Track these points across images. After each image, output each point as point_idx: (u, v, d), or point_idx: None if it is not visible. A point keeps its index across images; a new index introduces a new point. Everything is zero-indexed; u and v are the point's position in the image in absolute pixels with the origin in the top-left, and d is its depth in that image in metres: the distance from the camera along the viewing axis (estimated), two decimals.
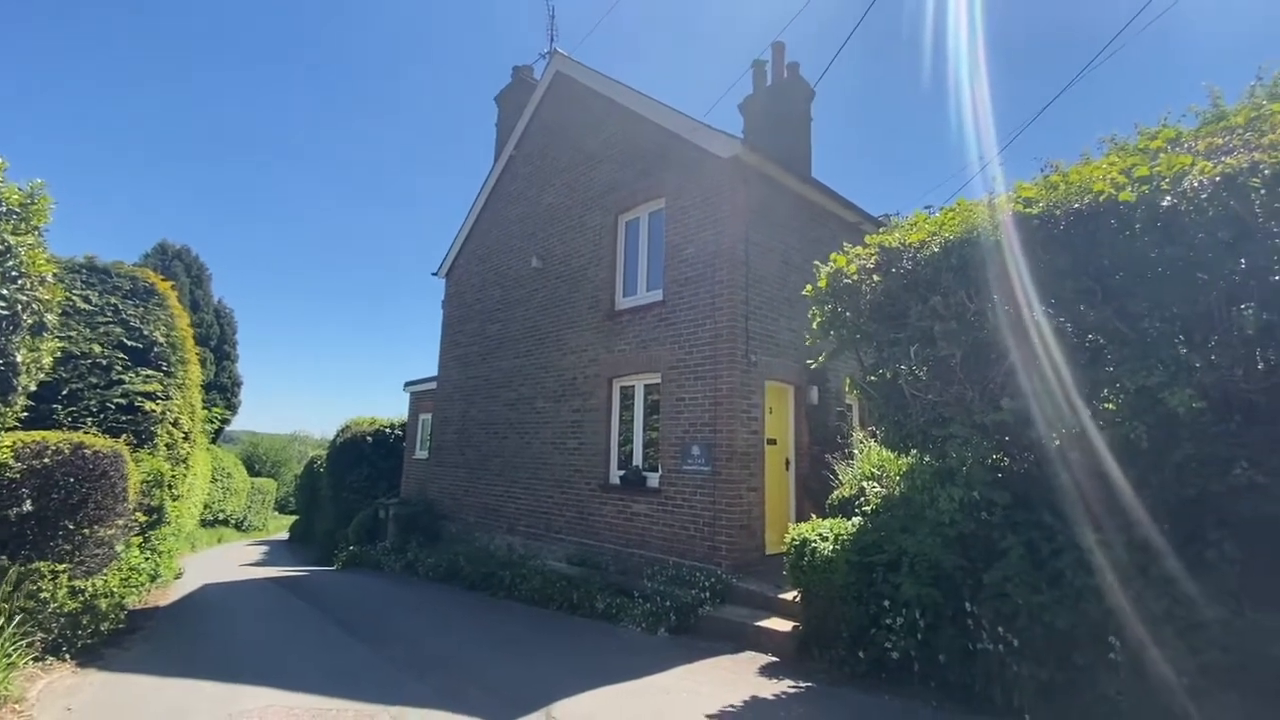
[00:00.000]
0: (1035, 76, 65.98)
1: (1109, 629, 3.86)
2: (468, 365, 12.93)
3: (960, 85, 9.46)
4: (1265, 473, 3.76)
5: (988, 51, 12.07)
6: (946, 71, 9.69)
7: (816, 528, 5.70)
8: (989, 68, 10.51)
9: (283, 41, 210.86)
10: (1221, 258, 3.84)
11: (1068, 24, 50.72)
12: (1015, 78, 29.65)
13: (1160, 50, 42.46)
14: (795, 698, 4.73)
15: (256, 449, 39.54)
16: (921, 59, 20.82)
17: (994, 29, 30.73)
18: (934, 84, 22.68)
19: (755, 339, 8.14)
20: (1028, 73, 38.25)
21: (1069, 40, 45.79)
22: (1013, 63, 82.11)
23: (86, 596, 5.39)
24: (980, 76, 8.58)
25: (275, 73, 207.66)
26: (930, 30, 11.67)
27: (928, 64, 14.63)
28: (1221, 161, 3.93)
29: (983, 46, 8.59)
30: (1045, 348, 4.49)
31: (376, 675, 5.29)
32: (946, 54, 9.56)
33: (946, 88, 10.64)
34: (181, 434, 8.68)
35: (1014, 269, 4.53)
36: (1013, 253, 4.52)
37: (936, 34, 9.76)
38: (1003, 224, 4.57)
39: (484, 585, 9.29)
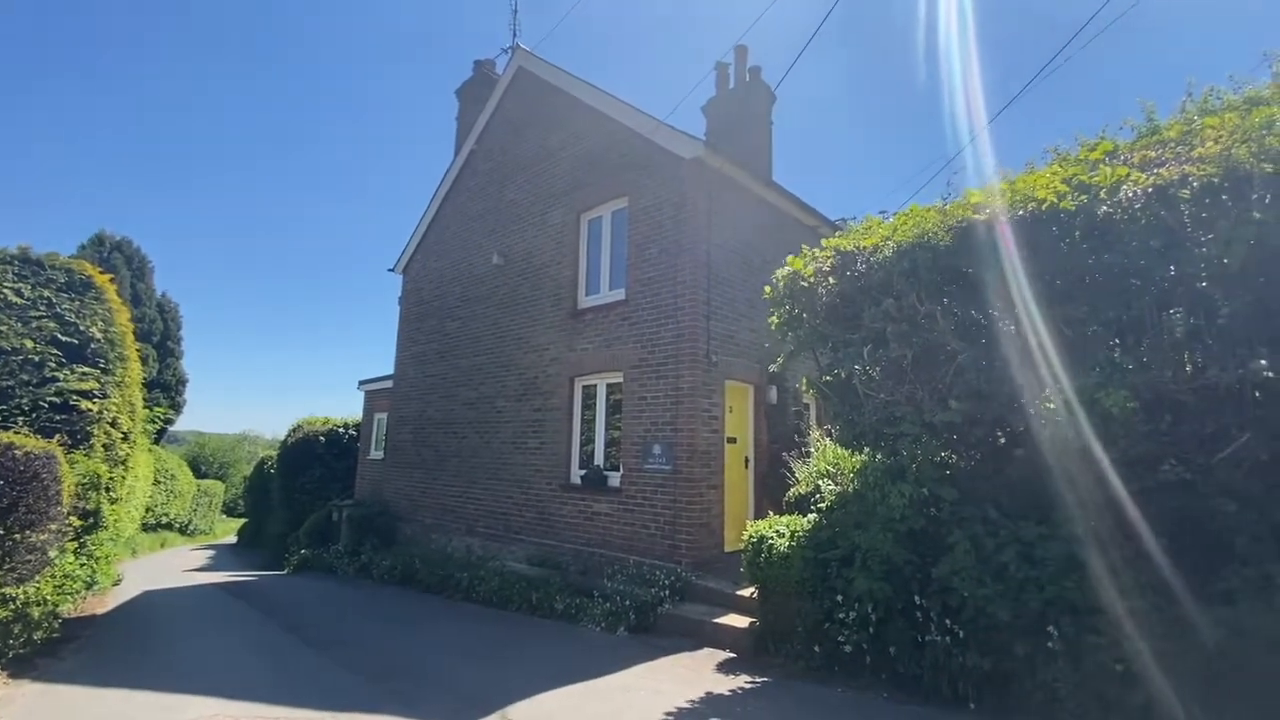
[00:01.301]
0: (1012, 71, 68.06)
1: (1047, 620, 4.03)
2: (425, 363, 12.69)
3: (941, 80, 9.68)
4: (1192, 470, 3.98)
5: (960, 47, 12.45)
6: (918, 69, 9.91)
7: (774, 525, 5.79)
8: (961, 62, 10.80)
9: (230, 29, 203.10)
10: (1153, 265, 4.05)
11: (1042, 17, 52.68)
12: (987, 72, 31.00)
13: (1138, 39, 44.68)
14: (751, 692, 4.79)
15: (203, 450, 37.96)
16: (892, 58, 21.22)
17: (980, 22, 31.68)
18: (904, 82, 23.26)
19: (716, 339, 8.21)
20: (1002, 67, 39.88)
21: (1042, 35, 47.80)
22: (986, 56, 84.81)
23: (17, 605, 5.10)
24: (957, 72, 8.78)
25: (219, 62, 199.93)
26: (916, 30, 11.91)
27: (899, 63, 15.09)
28: (1154, 173, 4.15)
29: (958, 43, 8.82)
30: (991, 349, 4.66)
31: (327, 681, 5.15)
32: (918, 50, 9.79)
33: (918, 85, 10.96)
34: (120, 434, 8.26)
35: (962, 273, 4.69)
36: (961, 257, 4.68)
37: (918, 32, 10.01)
38: (952, 229, 4.73)
39: (441, 588, 9.14)
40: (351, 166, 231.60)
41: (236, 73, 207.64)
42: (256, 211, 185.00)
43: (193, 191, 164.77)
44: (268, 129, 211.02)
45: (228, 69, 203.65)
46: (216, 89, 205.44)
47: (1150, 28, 33.46)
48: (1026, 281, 4.44)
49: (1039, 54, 17.79)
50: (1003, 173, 5.43)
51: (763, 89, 11.16)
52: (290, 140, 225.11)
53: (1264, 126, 3.90)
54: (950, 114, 8.98)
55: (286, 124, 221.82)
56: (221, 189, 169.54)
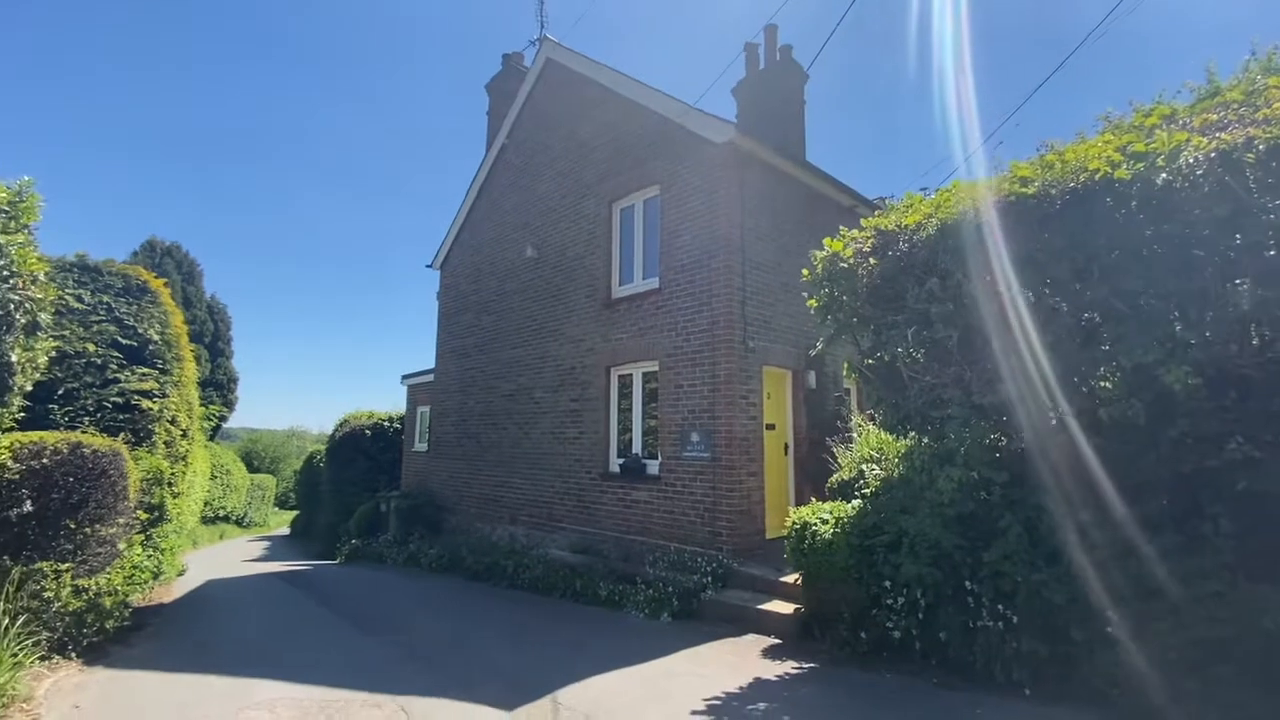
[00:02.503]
0: (1033, 60, 65.77)
1: (1106, 604, 3.91)
2: (465, 357, 12.91)
3: (947, 70, 9.39)
4: (1260, 447, 3.79)
5: (979, 34, 11.94)
6: (933, 54, 9.59)
7: (817, 511, 5.74)
8: (982, 52, 10.36)
9: (271, 33, 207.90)
10: (1217, 234, 3.85)
11: (1063, 7, 50.61)
12: (1013, 62, 29.65)
13: (1156, 29, 42.38)
14: (798, 678, 4.78)
15: (255, 445, 39.45)
16: (909, 43, 20.47)
17: (994, 11, 30.55)
18: (922, 67, 22.78)
19: (752, 325, 8.14)
20: (1025, 57, 38.29)
21: (1064, 23, 45.80)
22: (1011, 47, 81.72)
23: (90, 595, 5.39)
24: (964, 65, 8.51)
25: (263, 66, 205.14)
26: (922, 13, 11.56)
27: (914, 48, 14.44)
28: (1216, 137, 3.93)
29: (967, 31, 8.54)
30: (1042, 327, 4.51)
31: (382, 666, 5.33)
32: (935, 36, 9.46)
33: (934, 70, 10.52)
34: (179, 431, 8.66)
35: (1010, 249, 4.54)
36: (1009, 233, 4.52)
37: (929, 16, 9.66)
38: (999, 204, 4.57)
39: (487, 575, 9.35)
40: (391, 165, 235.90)
41: (277, 72, 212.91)
42: (297, 211, 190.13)
43: (230, 191, 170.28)
44: (306, 127, 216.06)
45: (263, 64, 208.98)
46: (258, 90, 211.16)
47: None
48: (1076, 256, 4.27)
49: (1085, 19, 17.00)
50: (1050, 144, 5.21)
51: (794, 68, 10.94)
52: (327, 138, 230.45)
53: None
54: (988, 87, 8.67)
55: (324, 122, 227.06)
56: (259, 187, 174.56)
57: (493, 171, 12.85)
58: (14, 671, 4.21)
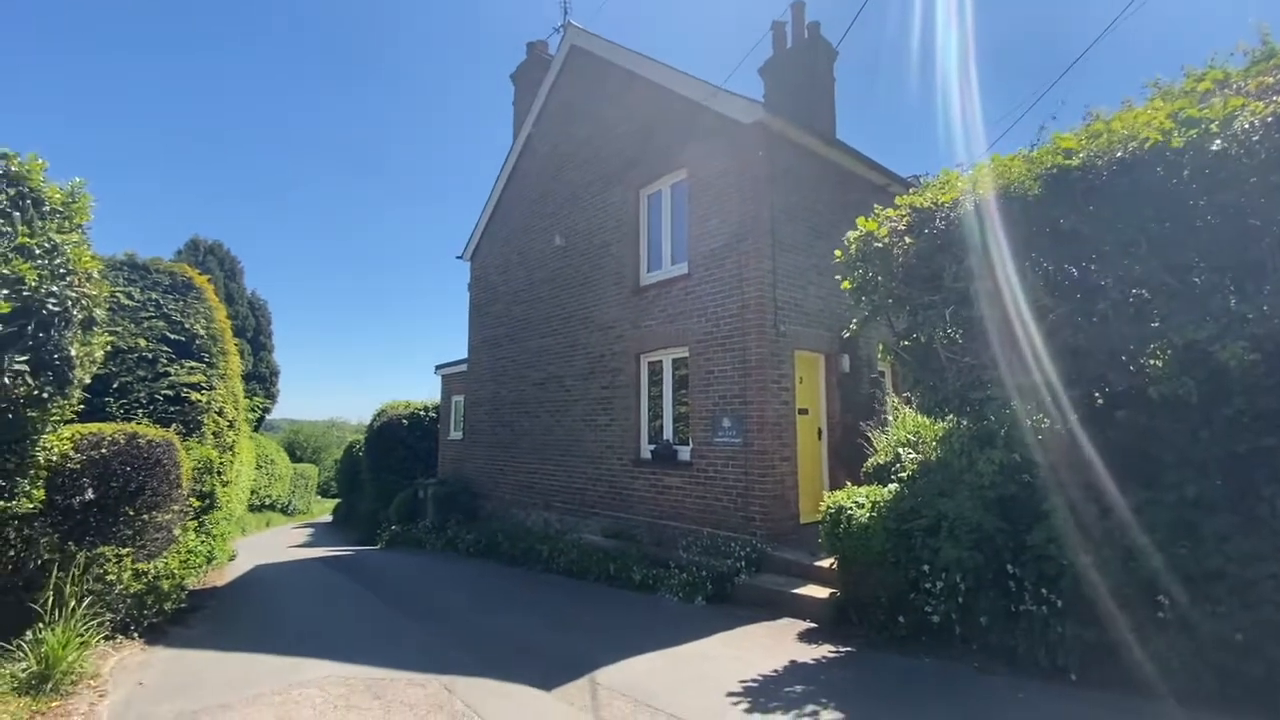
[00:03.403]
0: (1072, 40, 62.61)
1: (1158, 588, 3.80)
2: (496, 346, 13.07)
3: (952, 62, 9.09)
4: None
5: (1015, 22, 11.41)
6: (947, 39, 9.23)
7: (852, 495, 5.68)
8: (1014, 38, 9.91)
9: (318, 37, 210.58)
10: (1273, 204, 3.67)
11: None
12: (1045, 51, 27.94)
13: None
14: (835, 662, 4.77)
15: (297, 436, 40.69)
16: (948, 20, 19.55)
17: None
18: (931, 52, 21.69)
19: (783, 308, 8.04)
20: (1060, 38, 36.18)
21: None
22: (1044, 35, 78.32)
23: (149, 578, 5.66)
24: (968, 59, 8.18)
25: (303, 67, 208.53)
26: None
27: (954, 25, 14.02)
28: (1274, 101, 3.73)
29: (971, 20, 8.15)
30: (1087, 305, 4.36)
31: (424, 646, 5.48)
32: (950, 22, 9.09)
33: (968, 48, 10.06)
34: (226, 422, 8.97)
35: (1053, 225, 4.39)
36: (1051, 207, 4.37)
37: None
38: (1042, 177, 4.41)
39: (523, 560, 9.52)
40: (426, 158, 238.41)
41: (306, 69, 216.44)
42: (335, 207, 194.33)
43: (269, 188, 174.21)
44: (340, 125, 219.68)
45: (303, 65, 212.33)
46: (289, 83, 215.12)
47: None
48: (1124, 229, 4.11)
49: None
50: (1096, 113, 4.99)
51: (823, 45, 10.69)
52: (361, 135, 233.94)
53: None
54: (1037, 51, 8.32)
55: (356, 118, 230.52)
56: (298, 186, 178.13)
57: (519, 161, 12.90)
58: (81, 650, 4.45)
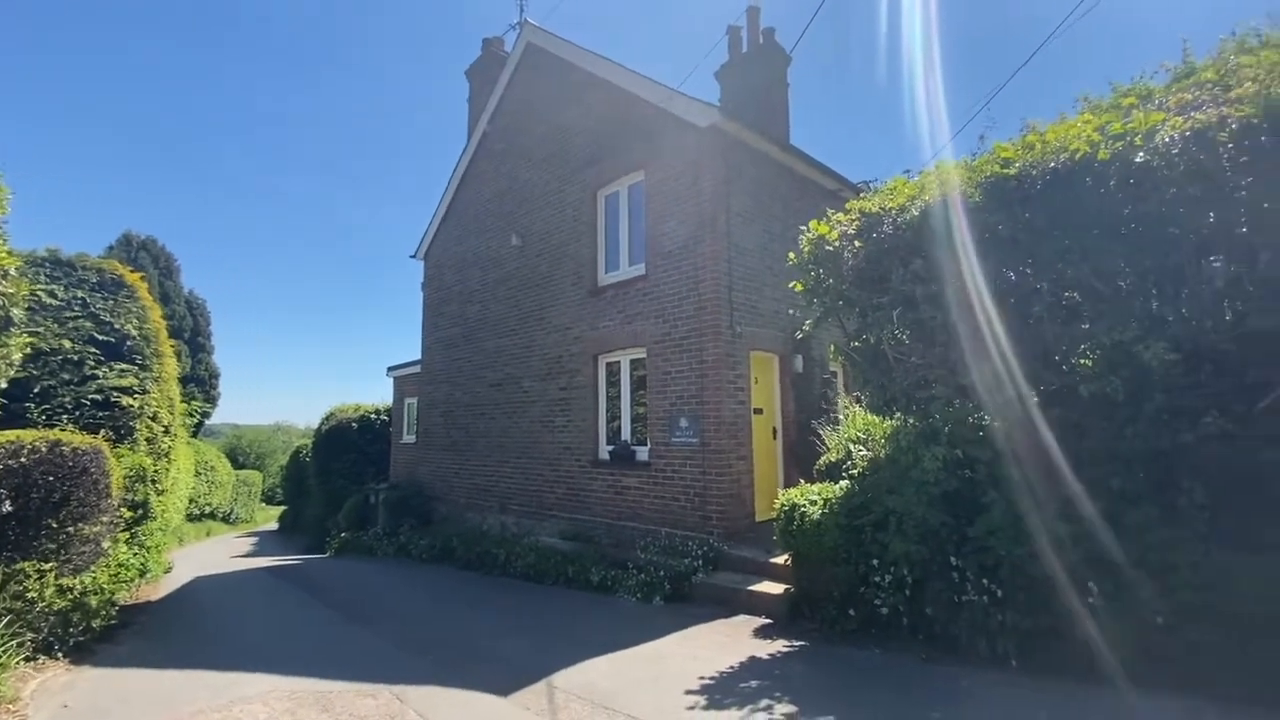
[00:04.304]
0: (1018, 46, 65.80)
1: (1087, 576, 4.00)
2: (451, 347, 12.83)
3: (931, 53, 9.41)
4: (1232, 421, 3.89)
5: (962, 22, 12.09)
6: (911, 40, 9.56)
7: (805, 493, 5.80)
8: (966, 40, 10.42)
9: (251, 17, 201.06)
10: (1192, 212, 3.92)
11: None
12: (996, 52, 29.46)
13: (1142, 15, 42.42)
14: (789, 656, 4.86)
15: (239, 441, 39.05)
16: (896, 27, 20.40)
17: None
18: (903, 52, 22.64)
19: (739, 310, 8.16)
20: (1008, 44, 38.04)
21: (1046, 8, 45.88)
22: (991, 38, 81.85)
23: (75, 594, 5.34)
24: (935, 52, 8.53)
25: (240, 52, 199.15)
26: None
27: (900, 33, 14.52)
28: (1191, 117, 3.98)
29: (940, 19, 8.55)
30: (1025, 307, 4.57)
31: (376, 656, 5.33)
32: (916, 23, 9.42)
33: (915, 55, 10.45)
34: (161, 428, 8.54)
35: (992, 230, 4.58)
36: (991, 214, 4.56)
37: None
38: (982, 185, 4.61)
39: (478, 564, 9.37)
40: (375, 153, 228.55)
41: (249, 55, 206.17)
42: (278, 202, 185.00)
43: (210, 187, 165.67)
44: (286, 118, 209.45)
45: (239, 50, 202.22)
46: (229, 75, 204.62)
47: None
48: (1057, 236, 4.33)
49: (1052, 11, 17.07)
50: (1032, 124, 5.25)
51: (777, 51, 10.89)
52: (310, 130, 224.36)
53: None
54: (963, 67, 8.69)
55: (306, 113, 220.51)
56: (238, 182, 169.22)
57: (474, 159, 12.71)
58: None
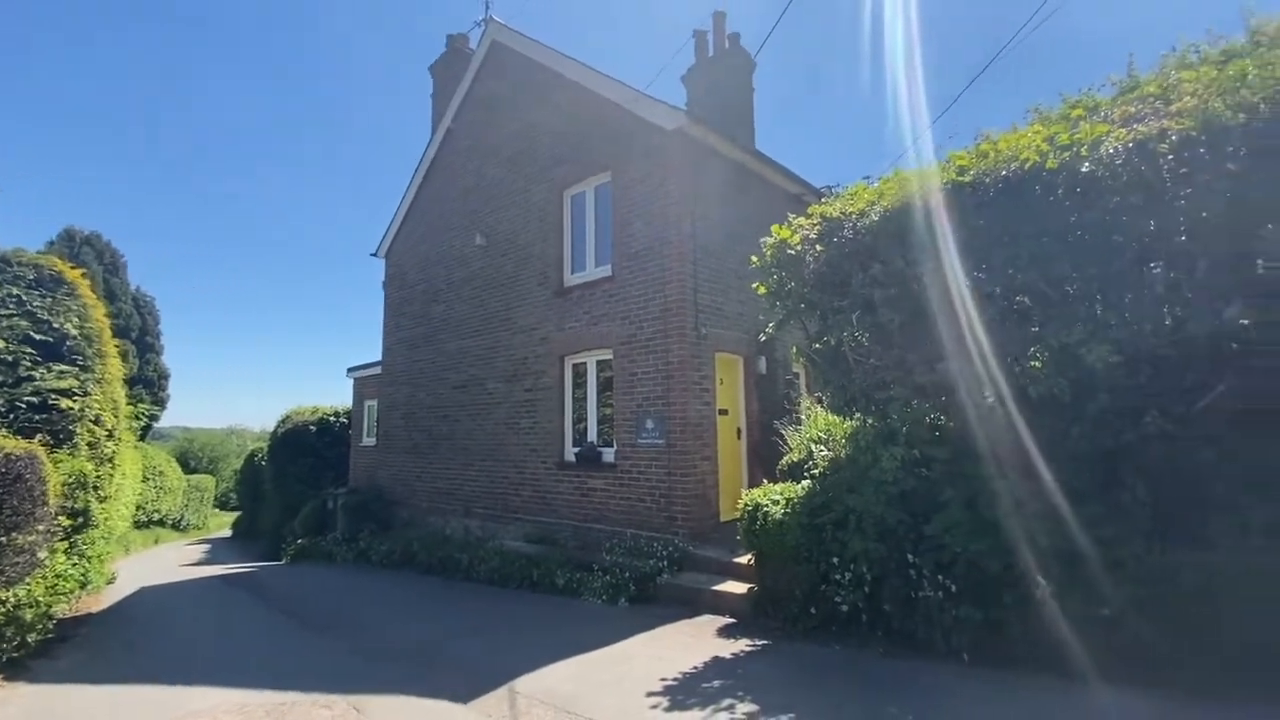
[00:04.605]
0: (979, 52, 67.91)
1: (1037, 570, 4.14)
2: (413, 348, 12.59)
3: (896, 59, 9.61)
4: (1172, 421, 4.07)
5: (927, 26, 12.45)
6: (882, 44, 9.77)
7: (768, 493, 5.86)
8: (931, 43, 10.77)
9: (217, 12, 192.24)
10: (1134, 221, 4.09)
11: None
12: (960, 53, 30.34)
13: (1090, 26, 44.23)
14: (752, 655, 4.91)
15: (191, 445, 37.66)
16: (858, 33, 21.00)
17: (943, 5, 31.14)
18: (871, 57, 23.12)
19: (704, 312, 8.21)
20: (971, 48, 39.21)
21: (1009, 16, 47.44)
22: (956, 39, 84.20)
23: (8, 608, 5.07)
24: (914, 55, 8.73)
25: (189, 37, 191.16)
26: (870, 7, 11.81)
27: (864, 39, 14.72)
28: (1134, 129, 4.16)
29: (915, 21, 8.83)
30: (979, 311, 4.70)
31: (333, 665, 5.20)
32: (883, 27, 9.63)
33: (882, 59, 10.77)
34: (105, 432, 8.15)
35: (948, 236, 4.71)
36: (947, 220, 4.69)
37: (878, 8, 9.83)
38: (938, 192, 4.73)
39: (441, 569, 9.21)
40: (333, 148, 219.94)
41: (203, 53, 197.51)
42: (232, 201, 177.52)
43: (161, 183, 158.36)
44: (238, 107, 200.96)
45: (193, 47, 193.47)
46: (181, 69, 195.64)
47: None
48: (1009, 242, 4.47)
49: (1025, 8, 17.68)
50: (986, 134, 5.41)
51: (742, 55, 11.00)
52: (265, 120, 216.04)
53: (1238, 79, 3.92)
54: (916, 80, 8.91)
55: (259, 101, 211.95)
56: (191, 178, 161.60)
57: (438, 156, 12.51)
58: None
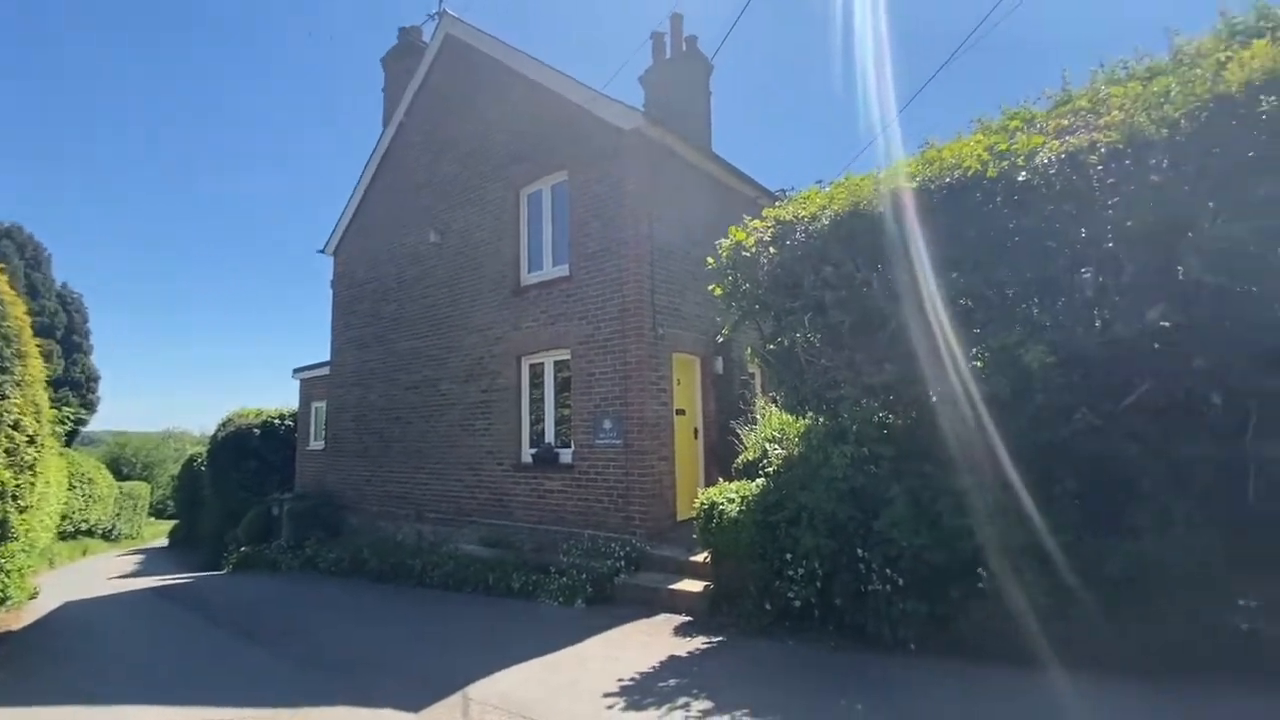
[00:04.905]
0: (936, 57, 70.24)
1: (978, 562, 4.31)
2: (363, 348, 12.24)
3: (859, 61, 9.81)
4: (1100, 417, 4.30)
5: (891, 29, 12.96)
6: (852, 46, 9.93)
7: (724, 491, 5.93)
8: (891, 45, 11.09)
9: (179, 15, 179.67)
10: (1067, 228, 4.31)
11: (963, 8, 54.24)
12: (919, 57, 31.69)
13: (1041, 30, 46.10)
14: (707, 652, 4.96)
15: (123, 450, 35.62)
16: (827, 32, 21.47)
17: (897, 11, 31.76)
18: (836, 57, 23.63)
19: (662, 312, 8.25)
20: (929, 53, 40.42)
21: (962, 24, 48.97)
22: (916, 43, 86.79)
23: None
24: (885, 52, 8.93)
25: (128, 21, 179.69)
26: (832, 13, 12.06)
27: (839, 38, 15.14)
28: (1066, 141, 4.39)
29: (886, 24, 9.05)
30: (925, 313, 4.87)
31: (276, 677, 5.01)
32: (853, 29, 9.78)
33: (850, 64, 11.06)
34: (25, 437, 7.61)
35: (895, 240, 4.86)
36: (895, 225, 4.84)
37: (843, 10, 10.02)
38: (886, 198, 4.88)
39: (393, 575, 8.98)
40: (279, 140, 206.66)
41: (138, 38, 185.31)
42: (165, 194, 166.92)
43: (89, 173, 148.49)
44: (175, 97, 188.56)
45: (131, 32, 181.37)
46: (113, 53, 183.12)
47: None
48: (953, 246, 4.65)
49: (973, 18, 18.34)
50: (931, 141, 5.62)
51: (699, 59, 11.10)
52: (203, 111, 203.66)
53: (1161, 95, 4.17)
54: (879, 85, 9.16)
55: (199, 92, 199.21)
56: (121, 168, 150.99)
57: (390, 151, 12.20)
58: None
